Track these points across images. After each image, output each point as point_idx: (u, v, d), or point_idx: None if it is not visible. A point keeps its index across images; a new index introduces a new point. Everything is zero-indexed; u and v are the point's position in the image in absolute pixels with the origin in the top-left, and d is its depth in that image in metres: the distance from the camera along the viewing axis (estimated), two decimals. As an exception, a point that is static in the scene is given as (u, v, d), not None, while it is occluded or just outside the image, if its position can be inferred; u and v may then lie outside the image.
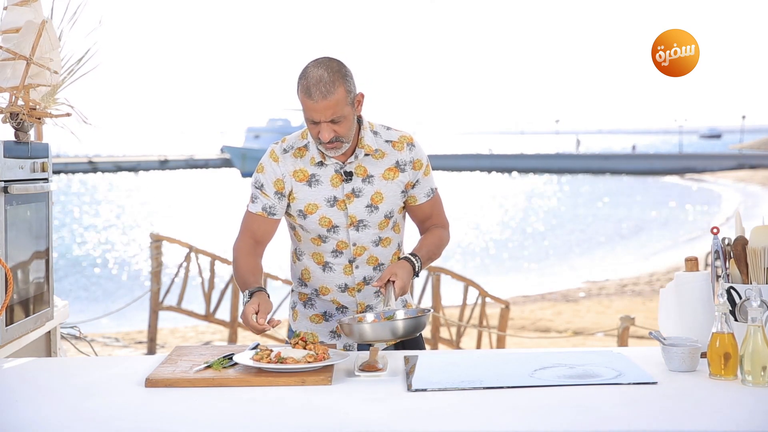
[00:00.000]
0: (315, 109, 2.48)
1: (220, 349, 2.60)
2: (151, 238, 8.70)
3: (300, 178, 2.66)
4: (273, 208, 2.68)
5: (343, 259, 2.72)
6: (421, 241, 2.78)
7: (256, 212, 2.69)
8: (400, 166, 2.70)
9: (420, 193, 2.76)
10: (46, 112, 3.17)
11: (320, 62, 2.52)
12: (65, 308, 3.51)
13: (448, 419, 1.96)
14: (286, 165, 2.67)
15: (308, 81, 2.49)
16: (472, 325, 8.69)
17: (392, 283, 2.56)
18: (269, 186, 2.67)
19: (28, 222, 3.07)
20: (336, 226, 2.67)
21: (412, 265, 2.63)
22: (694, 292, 2.49)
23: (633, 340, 8.67)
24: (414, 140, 2.74)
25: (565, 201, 37.50)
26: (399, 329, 2.40)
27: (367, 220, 2.68)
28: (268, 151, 2.71)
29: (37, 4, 3.08)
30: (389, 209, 2.71)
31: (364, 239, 2.70)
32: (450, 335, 8.57)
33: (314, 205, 2.66)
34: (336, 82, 2.49)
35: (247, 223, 2.72)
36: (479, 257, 22.58)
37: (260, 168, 2.70)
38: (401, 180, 2.71)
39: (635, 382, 2.20)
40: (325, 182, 2.66)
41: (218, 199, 34.71)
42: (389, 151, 2.69)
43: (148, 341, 8.92)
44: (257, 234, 2.70)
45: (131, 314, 11.21)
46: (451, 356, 2.61)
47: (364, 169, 2.67)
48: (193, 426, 1.94)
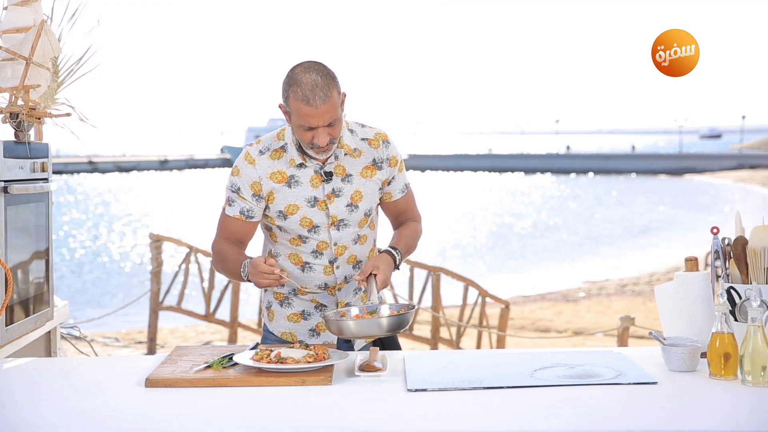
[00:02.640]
0: (315, 114, 2.46)
1: (220, 349, 2.60)
2: (151, 238, 8.69)
3: (278, 180, 2.63)
4: (251, 211, 2.66)
5: (323, 260, 2.70)
6: (398, 234, 2.80)
7: (234, 215, 2.66)
8: (377, 163, 2.70)
9: (395, 189, 2.78)
10: (46, 112, 3.17)
11: (309, 67, 2.50)
12: (65, 308, 3.51)
13: (448, 419, 1.96)
14: (262, 167, 2.63)
15: (303, 87, 2.46)
16: (472, 325, 8.69)
17: (374, 276, 2.57)
18: (246, 189, 2.64)
19: (28, 222, 3.06)
20: (317, 226, 2.66)
21: (393, 258, 2.66)
22: (694, 292, 2.48)
23: (633, 340, 8.67)
24: (388, 137, 2.75)
25: (565, 201, 37.49)
26: (384, 325, 2.39)
27: (347, 219, 2.68)
28: (243, 153, 2.67)
29: (37, 4, 3.08)
30: (368, 207, 2.71)
31: (344, 238, 2.69)
32: (450, 335, 8.57)
33: (295, 205, 2.64)
34: (329, 85, 2.47)
35: (225, 226, 2.69)
36: (479, 257, 22.57)
37: (236, 171, 2.66)
38: (379, 178, 2.71)
39: (635, 382, 2.20)
40: (305, 183, 2.64)
41: (218, 200, 34.62)
42: (366, 149, 2.69)
43: (148, 341, 8.92)
44: (236, 235, 2.69)
45: (131, 314, 11.21)
46: (451, 356, 2.60)
47: (343, 168, 2.66)
48: (193, 426, 1.94)
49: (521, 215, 32.16)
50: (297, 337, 2.76)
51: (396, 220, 2.86)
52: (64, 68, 3.35)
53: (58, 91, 3.31)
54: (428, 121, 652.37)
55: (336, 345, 2.73)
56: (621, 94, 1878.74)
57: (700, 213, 31.16)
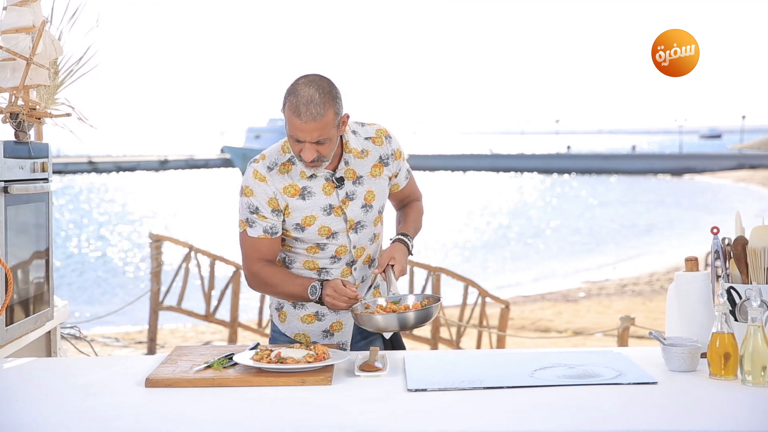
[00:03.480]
0: (302, 129, 2.44)
1: (220, 349, 2.60)
2: (151, 238, 8.69)
3: (292, 194, 2.60)
4: (274, 227, 2.63)
5: (341, 263, 2.70)
6: (404, 218, 2.83)
7: (259, 236, 2.62)
8: (383, 160, 2.71)
9: (401, 179, 2.81)
10: (46, 112, 3.17)
11: (312, 81, 2.46)
12: (65, 308, 3.51)
13: (448, 419, 1.96)
14: (274, 183, 2.59)
15: (298, 99, 2.43)
16: (472, 325, 8.70)
17: (391, 267, 2.61)
18: (264, 207, 2.59)
19: (28, 222, 3.06)
20: (335, 232, 2.65)
21: (406, 246, 2.70)
22: (694, 292, 2.48)
23: (633, 340, 8.67)
24: (389, 131, 2.76)
25: (566, 201, 37.48)
26: (411, 319, 2.44)
27: (364, 220, 2.69)
28: (251, 172, 2.61)
29: (36, 4, 3.08)
30: (381, 204, 2.74)
31: (363, 240, 2.71)
32: (450, 335, 8.57)
33: (312, 216, 2.62)
34: (326, 104, 2.44)
35: (252, 248, 2.64)
36: (479, 257, 22.57)
37: (248, 191, 2.60)
38: (386, 174, 2.73)
39: (635, 382, 2.20)
40: (317, 192, 2.62)
41: (218, 199, 34.69)
42: (371, 148, 2.70)
43: (148, 341, 8.91)
44: (266, 255, 2.65)
45: (131, 314, 11.21)
46: (451, 356, 2.61)
47: (353, 171, 2.66)
48: (193, 426, 1.94)
49: (521, 215, 32.14)
50: (311, 338, 2.75)
51: (400, 204, 2.90)
52: (64, 68, 3.35)
53: (58, 91, 3.31)
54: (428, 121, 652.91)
55: (351, 340, 2.75)
56: (621, 94, 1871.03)
57: (700, 213, 31.16)
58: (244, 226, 2.63)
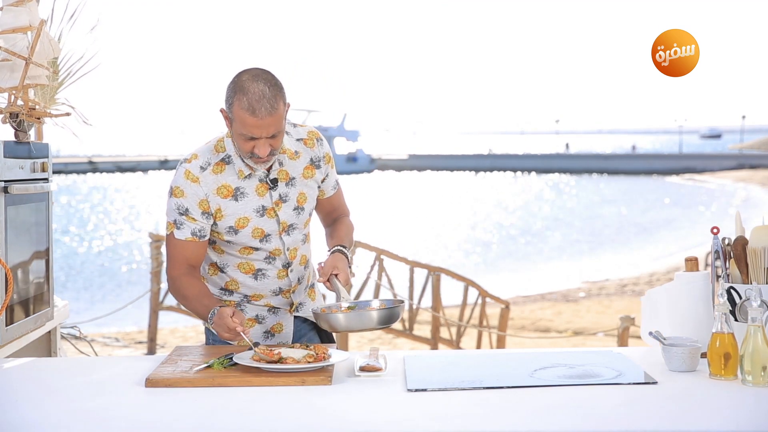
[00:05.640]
0: (258, 125, 2.39)
1: (220, 349, 2.60)
2: (151, 238, 8.69)
3: (225, 194, 2.54)
4: (203, 230, 2.55)
5: (277, 265, 2.66)
6: (337, 232, 2.77)
7: (186, 239, 2.55)
8: (315, 162, 2.67)
9: (328, 186, 2.76)
10: (46, 112, 3.17)
11: (257, 75, 2.41)
12: (65, 308, 3.51)
13: (448, 419, 1.95)
14: (207, 183, 2.53)
15: (249, 97, 2.37)
16: (472, 325, 8.70)
17: (335, 276, 2.57)
18: (194, 209, 2.52)
19: (28, 222, 3.07)
20: (268, 234, 2.61)
21: (345, 256, 2.65)
22: (694, 292, 2.49)
23: (633, 340, 8.67)
24: (320, 134, 2.73)
25: (565, 201, 37.49)
26: (374, 318, 2.41)
27: (296, 222, 2.65)
28: (182, 172, 2.53)
29: (32, 4, 3.08)
30: (311, 207, 2.70)
31: (295, 242, 2.67)
32: (450, 335, 8.57)
33: (245, 218, 2.57)
34: (277, 97, 2.40)
35: (178, 250, 2.57)
36: (479, 257, 22.58)
37: (178, 192, 2.53)
38: (317, 177, 2.69)
39: (635, 382, 2.20)
40: (251, 193, 2.57)
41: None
42: (303, 149, 2.65)
43: (148, 341, 8.92)
44: (191, 259, 2.59)
45: (131, 314, 11.21)
46: (451, 356, 2.61)
47: (286, 172, 2.61)
48: (193, 426, 1.94)
49: (521, 215, 32.16)
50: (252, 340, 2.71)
51: (329, 217, 2.83)
52: (64, 68, 3.35)
53: (58, 91, 3.31)
54: (428, 121, 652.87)
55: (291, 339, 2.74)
56: (621, 94, 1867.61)
57: (700, 213, 31.17)
58: (171, 228, 2.56)
